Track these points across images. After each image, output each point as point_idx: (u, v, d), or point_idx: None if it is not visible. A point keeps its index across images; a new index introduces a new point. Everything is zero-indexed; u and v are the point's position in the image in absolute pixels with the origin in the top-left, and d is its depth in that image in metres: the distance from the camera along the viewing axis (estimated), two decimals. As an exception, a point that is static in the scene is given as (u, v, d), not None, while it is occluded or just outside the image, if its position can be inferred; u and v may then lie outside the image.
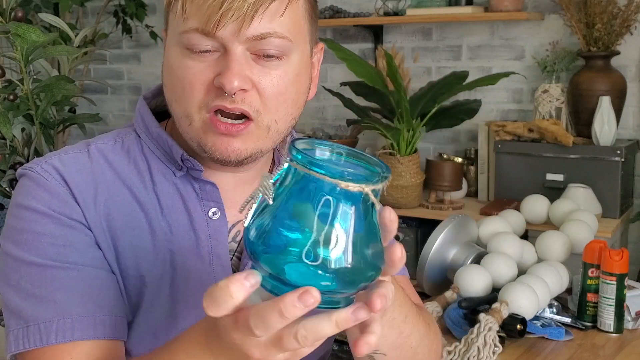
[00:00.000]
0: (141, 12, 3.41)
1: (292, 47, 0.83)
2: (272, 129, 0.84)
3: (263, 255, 0.57)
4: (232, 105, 0.80)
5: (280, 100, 0.83)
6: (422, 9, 2.81)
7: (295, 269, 0.56)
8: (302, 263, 0.56)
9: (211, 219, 0.89)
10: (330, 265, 0.56)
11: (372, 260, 0.59)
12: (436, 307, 1.51)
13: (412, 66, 3.03)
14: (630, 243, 2.68)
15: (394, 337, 0.80)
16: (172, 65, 0.84)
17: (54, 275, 0.81)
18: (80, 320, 0.80)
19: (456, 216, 1.72)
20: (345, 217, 0.57)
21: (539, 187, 2.45)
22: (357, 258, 0.57)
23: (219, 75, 0.80)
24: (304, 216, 0.57)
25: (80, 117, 2.02)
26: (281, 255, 0.56)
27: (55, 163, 0.87)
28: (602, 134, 2.43)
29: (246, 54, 0.81)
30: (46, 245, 0.82)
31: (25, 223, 0.84)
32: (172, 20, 0.85)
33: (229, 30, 0.79)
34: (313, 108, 3.26)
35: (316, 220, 0.56)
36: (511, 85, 2.86)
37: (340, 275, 0.56)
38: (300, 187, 0.57)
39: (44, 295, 0.81)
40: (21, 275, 0.82)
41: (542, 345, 1.43)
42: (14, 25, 1.71)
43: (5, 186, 1.86)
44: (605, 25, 2.47)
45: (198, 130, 0.83)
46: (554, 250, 1.66)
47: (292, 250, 0.56)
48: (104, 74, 3.84)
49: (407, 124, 2.50)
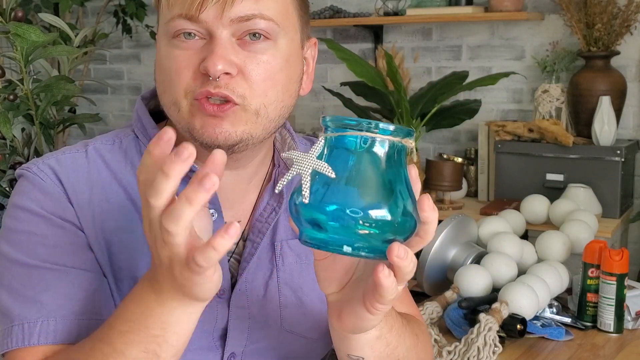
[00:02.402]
0: (141, 12, 3.41)
1: (279, 31, 0.82)
2: (261, 113, 0.82)
3: (330, 223, 0.61)
4: (215, 90, 0.79)
5: (268, 84, 0.82)
6: (422, 9, 2.81)
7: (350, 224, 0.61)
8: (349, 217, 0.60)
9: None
10: (378, 217, 0.60)
11: (410, 211, 0.62)
12: (436, 307, 1.51)
13: (412, 66, 3.03)
14: (630, 243, 2.68)
15: (380, 349, 0.80)
16: (161, 57, 0.84)
17: (42, 276, 0.81)
18: (63, 323, 0.80)
19: (456, 216, 1.72)
20: (388, 170, 0.62)
21: (539, 187, 2.45)
22: (396, 209, 0.61)
23: (204, 60, 0.79)
24: (360, 176, 0.61)
25: (80, 117, 2.02)
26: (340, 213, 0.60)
27: (52, 163, 0.87)
28: (602, 134, 2.43)
29: (231, 39, 0.80)
30: (37, 245, 0.82)
31: (19, 223, 0.84)
32: (160, 14, 0.85)
33: (212, 13, 0.79)
34: (313, 108, 3.26)
35: (368, 177, 0.61)
36: (511, 85, 2.86)
37: (383, 225, 0.61)
38: (342, 151, 0.62)
39: (31, 296, 0.80)
40: (12, 275, 0.82)
41: (542, 345, 1.43)
42: (14, 25, 1.71)
43: (5, 186, 1.86)
44: (605, 25, 2.47)
45: (186, 115, 0.82)
46: (554, 250, 1.66)
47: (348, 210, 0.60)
48: (104, 74, 3.84)
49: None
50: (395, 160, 0.63)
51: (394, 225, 0.61)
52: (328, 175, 0.61)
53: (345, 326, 0.73)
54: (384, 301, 0.66)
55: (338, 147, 0.63)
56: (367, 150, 0.62)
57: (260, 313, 0.91)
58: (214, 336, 0.88)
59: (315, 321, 0.94)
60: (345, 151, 0.62)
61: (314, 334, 0.95)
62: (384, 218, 0.60)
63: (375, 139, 0.62)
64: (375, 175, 0.62)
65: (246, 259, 0.90)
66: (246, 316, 0.90)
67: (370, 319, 0.70)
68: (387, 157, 0.62)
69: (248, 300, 0.90)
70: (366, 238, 0.61)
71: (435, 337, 1.42)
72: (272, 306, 0.92)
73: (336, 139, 0.63)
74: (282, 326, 0.92)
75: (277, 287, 0.92)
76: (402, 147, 0.63)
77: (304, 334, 0.94)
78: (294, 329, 0.93)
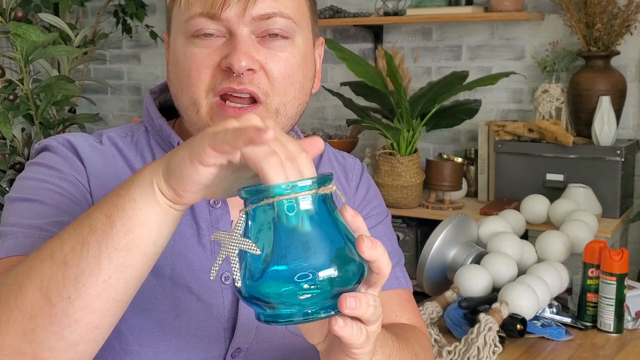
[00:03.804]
0: (141, 12, 3.41)
1: (297, 29, 0.83)
2: (280, 112, 0.84)
3: (272, 299, 0.59)
4: (240, 87, 0.80)
5: (288, 82, 0.83)
6: (422, 9, 2.81)
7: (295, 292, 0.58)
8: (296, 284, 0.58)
9: (213, 208, 0.89)
10: (318, 278, 0.58)
11: (353, 257, 0.60)
12: (436, 307, 1.51)
13: (412, 66, 3.03)
14: (630, 243, 2.68)
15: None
16: (178, 56, 0.84)
17: (42, 207, 0.81)
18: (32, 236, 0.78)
19: (456, 216, 1.72)
20: (317, 225, 0.59)
21: (539, 187, 2.45)
22: (336, 262, 0.58)
23: (226, 57, 0.80)
24: (288, 241, 0.59)
25: (80, 117, 2.02)
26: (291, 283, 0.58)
27: (70, 138, 0.89)
28: (602, 134, 2.43)
29: (252, 37, 0.81)
30: (46, 190, 0.83)
31: (32, 173, 0.85)
32: (175, 13, 0.85)
33: (234, 11, 0.80)
34: (313, 108, 3.26)
35: (296, 239, 0.59)
36: (511, 85, 2.86)
37: (326, 283, 0.58)
38: (265, 221, 0.59)
39: (28, 222, 0.79)
40: (11, 211, 0.82)
41: (542, 345, 1.43)
42: (14, 25, 1.71)
43: (5, 186, 1.86)
44: (605, 25, 2.47)
45: (205, 117, 0.82)
46: (554, 250, 1.66)
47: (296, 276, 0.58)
48: (104, 74, 3.84)
49: (407, 124, 2.50)
50: (322, 211, 0.60)
51: (338, 279, 0.58)
52: (253, 253, 0.58)
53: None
54: (356, 346, 0.64)
55: (260, 218, 0.59)
56: (289, 213, 0.58)
57: None
58: (223, 326, 0.88)
59: (320, 324, 0.94)
60: (268, 220, 0.59)
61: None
62: (327, 275, 0.58)
63: (295, 199, 0.58)
64: (305, 236, 0.59)
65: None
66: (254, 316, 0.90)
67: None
68: (313, 212, 0.59)
69: None
70: (314, 301, 0.58)
71: (435, 337, 1.42)
72: None
73: (254, 210, 0.59)
74: (287, 328, 0.92)
75: None
76: (324, 195, 0.60)
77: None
78: (298, 331, 0.93)
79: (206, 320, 0.87)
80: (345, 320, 0.61)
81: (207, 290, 0.87)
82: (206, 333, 0.87)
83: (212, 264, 0.88)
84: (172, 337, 0.86)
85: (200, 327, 0.87)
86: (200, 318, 0.87)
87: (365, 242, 0.60)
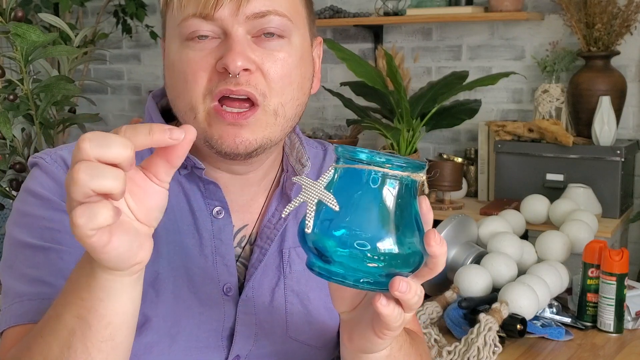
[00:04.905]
0: (141, 12, 3.40)
1: (293, 28, 0.82)
2: (279, 113, 0.82)
3: (333, 255, 0.61)
4: (236, 88, 0.79)
5: (286, 82, 0.82)
6: (422, 9, 2.81)
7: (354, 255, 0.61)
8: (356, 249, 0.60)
9: (215, 218, 0.88)
10: (383, 254, 0.60)
11: (417, 245, 0.62)
12: (436, 307, 1.51)
13: (412, 66, 3.03)
14: (630, 243, 2.68)
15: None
16: (173, 61, 0.83)
17: (46, 257, 0.81)
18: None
19: (456, 216, 1.72)
20: (396, 204, 0.61)
21: (539, 187, 2.45)
22: (402, 244, 0.61)
23: (222, 58, 0.78)
24: (364, 209, 0.61)
25: (80, 117, 2.02)
26: (344, 244, 0.60)
27: (65, 155, 0.88)
28: (602, 134, 2.43)
29: (247, 37, 0.80)
30: (42, 228, 0.83)
31: (28, 206, 0.85)
32: (169, 17, 0.84)
33: (227, 10, 0.78)
34: (313, 108, 3.26)
35: (373, 211, 0.61)
36: (511, 85, 2.86)
37: (388, 260, 0.60)
38: (350, 183, 0.62)
39: (33, 275, 0.80)
40: (17, 255, 0.83)
41: (542, 345, 1.43)
42: (14, 25, 1.71)
43: (5, 186, 1.86)
44: (605, 25, 2.47)
45: (203, 123, 0.81)
46: (554, 250, 1.66)
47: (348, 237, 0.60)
48: (104, 74, 3.84)
49: (407, 124, 2.50)
50: (404, 194, 0.62)
51: (399, 260, 0.61)
52: (332, 208, 0.60)
53: (355, 347, 0.73)
54: (390, 328, 0.66)
55: (347, 179, 0.62)
56: (376, 184, 0.61)
57: (267, 320, 0.90)
58: (222, 335, 0.88)
59: (320, 330, 0.94)
60: (354, 184, 0.61)
61: (318, 342, 0.94)
62: (390, 252, 0.60)
63: (386, 174, 0.61)
64: (382, 209, 0.61)
65: (254, 264, 0.90)
66: (253, 322, 0.89)
67: (379, 342, 0.70)
68: (396, 191, 0.61)
69: (255, 306, 0.90)
70: (370, 271, 0.61)
71: (435, 337, 1.42)
72: (279, 313, 0.91)
73: (345, 170, 0.62)
74: (287, 333, 0.92)
75: (283, 295, 0.91)
76: (412, 181, 0.62)
77: (309, 342, 0.94)
78: (299, 337, 0.93)
79: (206, 331, 0.87)
80: (388, 300, 0.63)
81: (209, 302, 0.87)
82: (205, 344, 0.87)
83: (214, 274, 0.88)
84: (171, 349, 0.85)
85: (200, 338, 0.86)
86: (200, 329, 0.87)
87: (436, 237, 0.62)
